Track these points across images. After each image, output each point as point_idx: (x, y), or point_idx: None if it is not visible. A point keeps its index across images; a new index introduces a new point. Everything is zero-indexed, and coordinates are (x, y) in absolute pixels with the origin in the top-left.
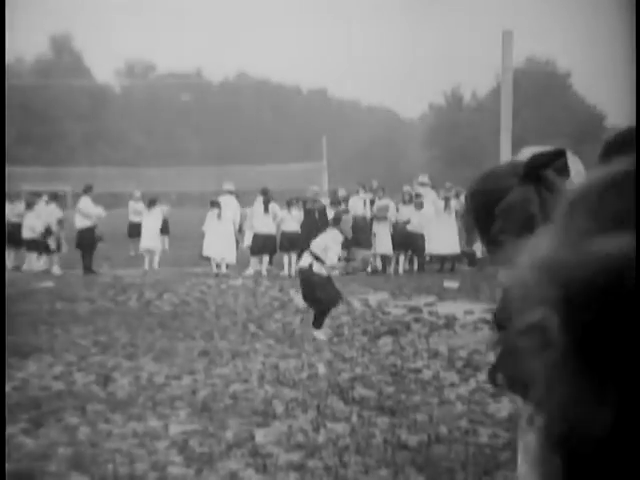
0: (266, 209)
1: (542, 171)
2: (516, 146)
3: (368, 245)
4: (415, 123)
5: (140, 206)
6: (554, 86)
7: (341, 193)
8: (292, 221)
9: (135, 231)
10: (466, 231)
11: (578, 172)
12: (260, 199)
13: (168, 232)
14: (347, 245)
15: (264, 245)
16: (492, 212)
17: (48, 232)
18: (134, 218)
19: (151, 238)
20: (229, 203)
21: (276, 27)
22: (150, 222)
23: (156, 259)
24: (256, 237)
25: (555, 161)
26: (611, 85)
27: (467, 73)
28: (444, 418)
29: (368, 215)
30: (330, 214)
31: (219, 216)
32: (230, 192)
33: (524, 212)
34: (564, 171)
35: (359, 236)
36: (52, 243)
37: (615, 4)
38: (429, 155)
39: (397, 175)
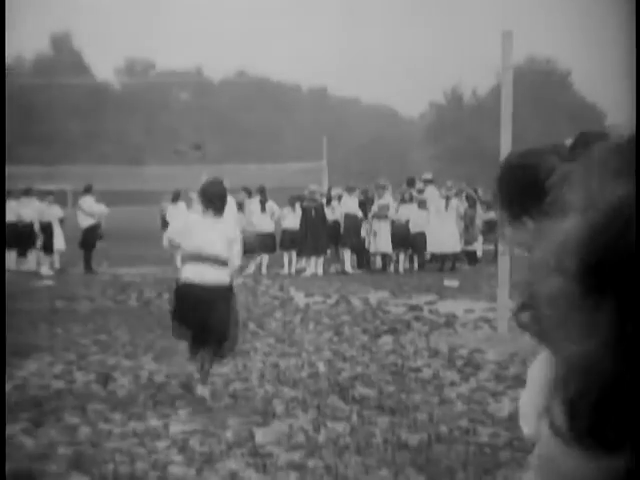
0: (263, 208)
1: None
2: (516, 146)
3: (357, 245)
4: (415, 122)
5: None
6: (554, 86)
7: (334, 192)
8: (294, 219)
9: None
10: (498, 207)
11: None
12: (257, 198)
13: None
14: (335, 244)
15: (263, 244)
16: (528, 188)
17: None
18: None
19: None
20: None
21: (276, 26)
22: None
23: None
24: (255, 236)
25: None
26: (611, 85)
27: (467, 73)
28: (444, 417)
29: (359, 215)
30: (328, 213)
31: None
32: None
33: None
34: None
35: (348, 236)
36: (39, 242)
37: (615, 4)
38: (429, 154)
39: (397, 174)
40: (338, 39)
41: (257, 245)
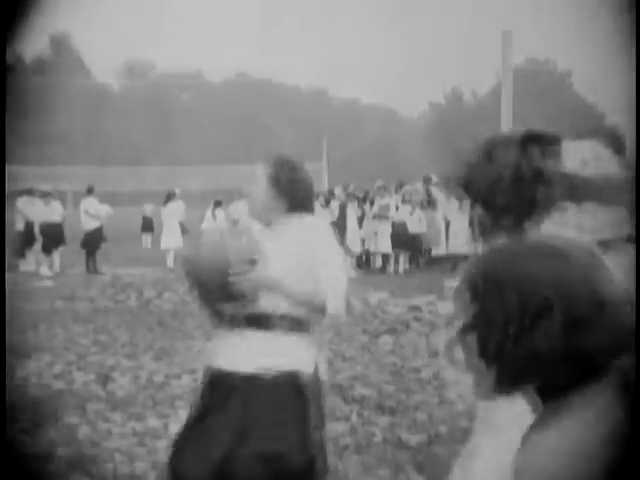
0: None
1: (528, 145)
2: None
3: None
4: (415, 122)
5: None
6: (554, 86)
7: (337, 192)
8: None
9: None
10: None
11: (583, 160)
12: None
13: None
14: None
15: None
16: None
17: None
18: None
19: (172, 235)
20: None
21: (276, 27)
22: (169, 219)
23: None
24: None
25: (547, 143)
26: (611, 85)
27: (467, 73)
28: (444, 417)
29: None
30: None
31: (214, 216)
32: None
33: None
34: (553, 156)
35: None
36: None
37: (615, 4)
38: (429, 154)
39: (397, 174)
40: (338, 40)
41: None
